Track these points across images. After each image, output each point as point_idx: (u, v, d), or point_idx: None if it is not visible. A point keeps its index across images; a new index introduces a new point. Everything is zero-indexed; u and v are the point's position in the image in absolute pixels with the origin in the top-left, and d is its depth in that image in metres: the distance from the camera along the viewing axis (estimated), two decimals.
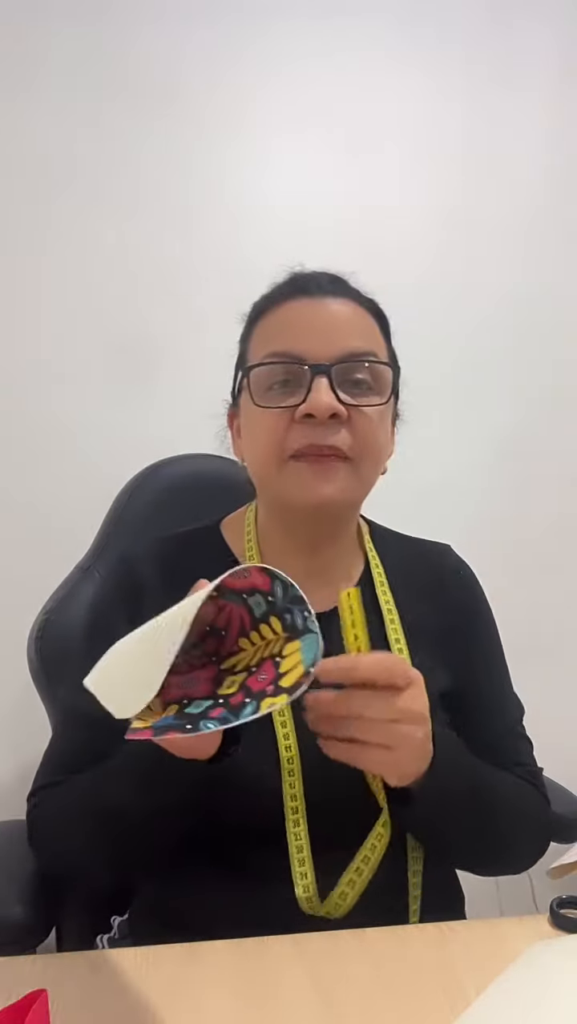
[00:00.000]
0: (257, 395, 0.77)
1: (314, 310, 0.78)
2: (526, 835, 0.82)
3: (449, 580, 0.91)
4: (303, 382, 0.74)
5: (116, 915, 0.89)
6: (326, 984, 0.60)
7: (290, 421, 0.75)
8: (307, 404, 0.73)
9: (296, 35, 1.66)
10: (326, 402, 0.72)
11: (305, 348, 0.75)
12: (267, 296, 0.84)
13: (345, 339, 0.76)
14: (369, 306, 0.83)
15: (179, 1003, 0.58)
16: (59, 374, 1.58)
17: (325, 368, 0.74)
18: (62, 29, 1.58)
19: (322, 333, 0.76)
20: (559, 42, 1.77)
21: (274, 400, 0.76)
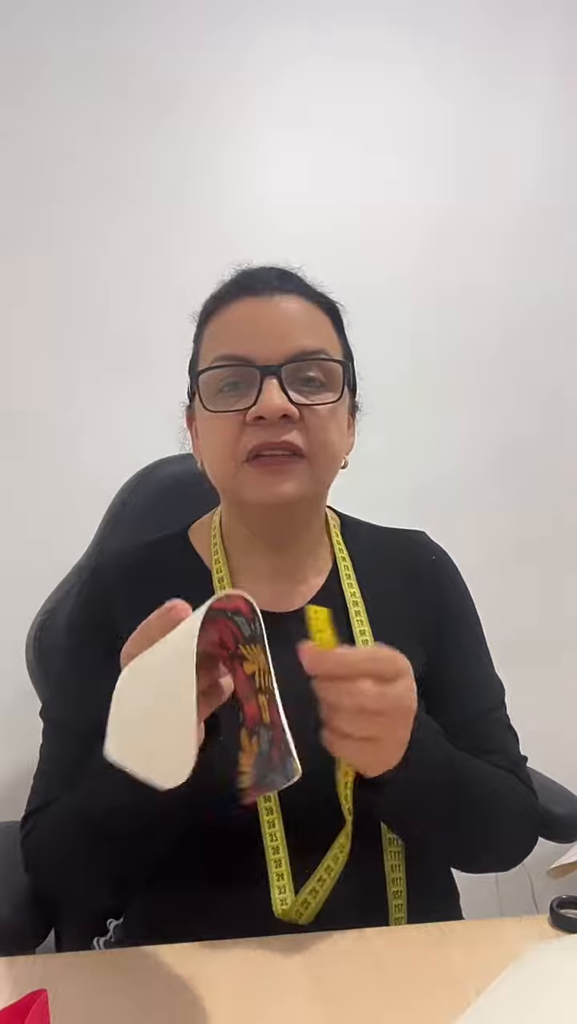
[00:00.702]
0: (207, 399, 0.77)
1: (261, 310, 0.77)
2: (508, 826, 0.79)
3: (423, 566, 0.91)
4: (253, 384, 0.74)
5: (112, 919, 0.89)
6: (326, 984, 0.60)
7: (242, 424, 0.74)
8: (258, 407, 0.73)
9: (296, 35, 1.66)
10: (277, 404, 0.72)
11: (253, 349, 0.75)
12: (215, 296, 0.83)
13: (294, 338, 0.76)
14: (319, 301, 0.82)
15: (179, 1003, 0.58)
16: (58, 374, 1.58)
17: (274, 369, 0.73)
18: (63, 30, 1.58)
19: (270, 333, 0.75)
20: (558, 42, 1.78)
21: (225, 403, 0.76)
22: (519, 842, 0.81)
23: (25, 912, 0.80)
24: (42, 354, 1.59)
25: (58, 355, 1.59)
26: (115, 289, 1.60)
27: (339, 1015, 0.56)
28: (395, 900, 0.74)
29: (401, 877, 0.75)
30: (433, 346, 1.73)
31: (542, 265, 1.78)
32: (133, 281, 1.61)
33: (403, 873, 0.74)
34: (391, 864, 0.75)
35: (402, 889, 0.74)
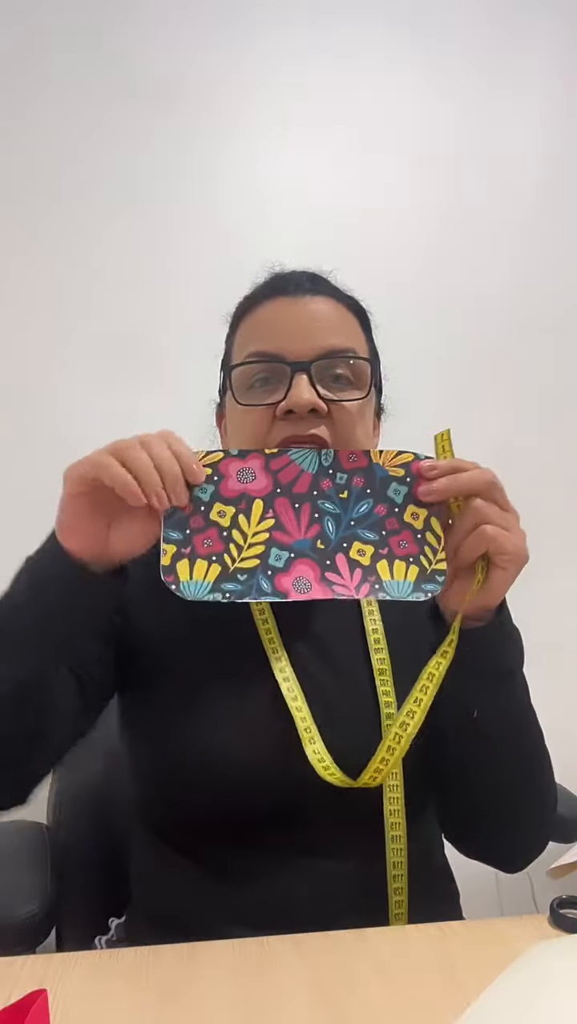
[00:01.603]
0: (239, 393, 0.78)
1: (293, 309, 0.79)
2: (548, 782, 0.79)
3: None
4: (284, 379, 0.75)
5: (114, 917, 0.89)
6: (326, 984, 0.60)
7: (272, 418, 0.76)
8: (287, 400, 0.74)
9: (296, 35, 1.66)
10: (306, 398, 0.73)
11: (285, 346, 0.76)
12: (248, 297, 0.85)
13: (324, 336, 0.77)
14: (348, 303, 0.84)
15: (179, 1003, 0.58)
16: (58, 374, 1.58)
17: (305, 365, 0.75)
18: (62, 30, 1.58)
19: (301, 331, 0.77)
20: (558, 42, 1.78)
21: (256, 398, 0.77)
22: (545, 814, 0.80)
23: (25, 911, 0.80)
24: (41, 353, 1.59)
25: (57, 355, 1.59)
26: (115, 289, 1.60)
27: (339, 1015, 0.56)
28: (395, 897, 0.74)
29: (403, 875, 0.75)
30: (433, 346, 1.73)
31: (542, 265, 1.78)
32: (133, 281, 1.61)
33: (405, 871, 0.74)
34: (393, 862, 0.75)
35: (403, 886, 0.75)
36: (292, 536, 0.66)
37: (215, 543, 0.65)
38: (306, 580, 0.65)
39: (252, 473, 0.66)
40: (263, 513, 0.66)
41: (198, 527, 0.65)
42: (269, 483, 0.66)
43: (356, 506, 0.67)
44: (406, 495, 0.67)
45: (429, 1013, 0.56)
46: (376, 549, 0.67)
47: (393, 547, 0.67)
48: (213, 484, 0.65)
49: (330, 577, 0.66)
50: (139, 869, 0.84)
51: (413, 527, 0.67)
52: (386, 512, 0.67)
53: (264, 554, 0.65)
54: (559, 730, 0.81)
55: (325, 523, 0.66)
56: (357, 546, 0.66)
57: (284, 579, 0.65)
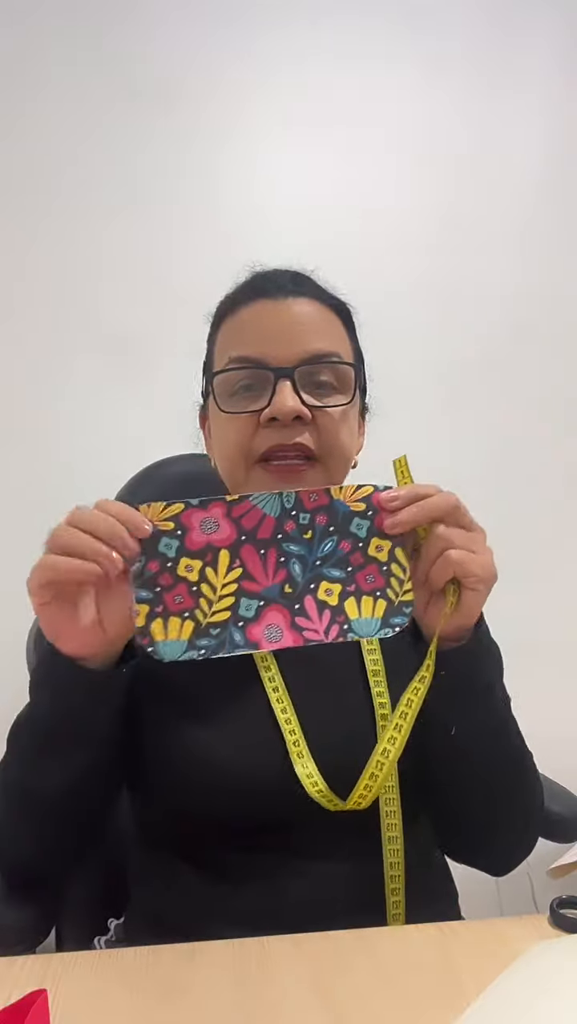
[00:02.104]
0: (222, 400, 0.78)
1: (276, 312, 0.78)
2: (532, 787, 0.79)
3: None
4: (267, 386, 0.75)
5: (113, 918, 0.89)
6: (326, 984, 0.59)
7: (256, 425, 0.75)
8: (271, 408, 0.74)
9: (296, 35, 1.66)
10: (290, 406, 0.73)
11: (267, 351, 0.76)
12: (230, 297, 0.84)
13: (307, 341, 0.77)
14: (332, 303, 0.83)
15: (179, 1003, 0.58)
16: (57, 374, 1.59)
17: (288, 371, 0.74)
18: (62, 29, 1.59)
19: (284, 336, 0.76)
20: (558, 42, 1.78)
21: (239, 405, 0.77)
22: (530, 820, 0.80)
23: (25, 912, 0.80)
24: (41, 354, 1.59)
25: (57, 355, 1.59)
26: (115, 289, 1.60)
27: (339, 1015, 0.56)
28: (393, 897, 0.74)
29: (400, 875, 0.75)
30: (433, 346, 1.73)
31: (542, 265, 1.78)
32: (133, 281, 1.61)
33: (402, 871, 0.74)
34: (390, 862, 0.75)
35: (401, 887, 0.75)
36: (261, 584, 0.65)
37: (186, 599, 0.64)
38: (277, 628, 0.65)
39: (215, 523, 0.65)
40: (230, 563, 0.65)
41: (167, 584, 0.64)
42: (233, 531, 0.65)
43: (321, 545, 0.66)
44: (369, 528, 0.66)
45: (429, 1013, 0.56)
46: (343, 587, 0.66)
47: (360, 583, 0.66)
48: (177, 539, 0.64)
49: (300, 622, 0.65)
50: (137, 871, 0.84)
51: (378, 560, 0.66)
52: (351, 548, 0.66)
53: (234, 605, 0.65)
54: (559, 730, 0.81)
55: (291, 566, 0.66)
56: (324, 585, 0.66)
57: (255, 629, 0.65)
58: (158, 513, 0.64)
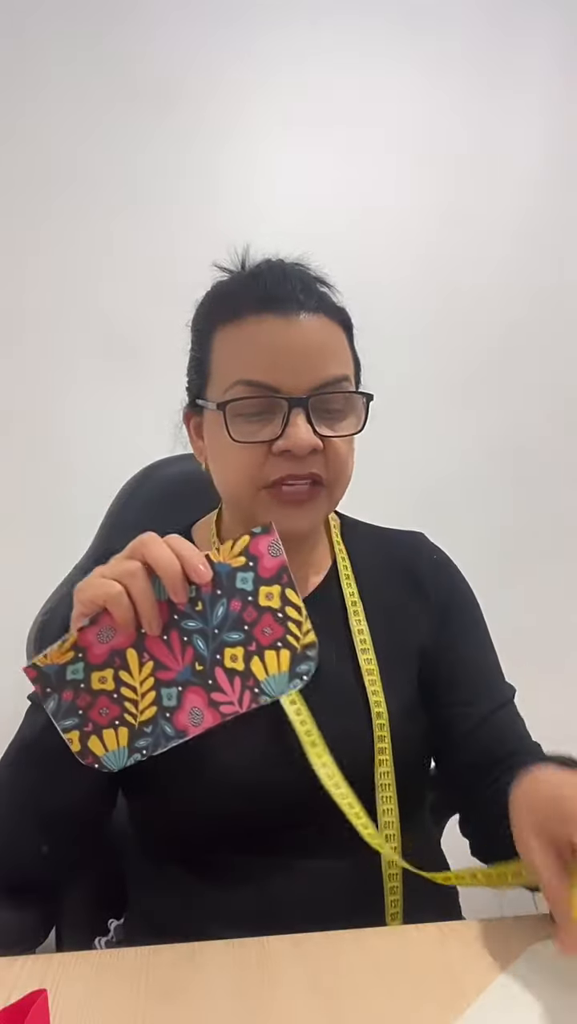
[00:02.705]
0: (231, 425, 0.74)
1: (286, 334, 0.74)
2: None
3: (423, 565, 0.91)
4: (278, 412, 0.73)
5: (113, 918, 0.89)
6: (326, 984, 0.60)
7: (266, 454, 0.74)
8: (286, 440, 0.72)
9: (296, 35, 1.66)
10: (305, 439, 0.72)
11: (280, 378, 0.73)
12: (232, 303, 0.78)
13: (320, 367, 0.74)
14: (337, 316, 0.80)
15: (179, 1003, 0.58)
16: (57, 374, 1.59)
17: (302, 402, 0.72)
18: (62, 29, 1.58)
19: (297, 360, 0.73)
20: (558, 42, 1.78)
21: (249, 432, 0.74)
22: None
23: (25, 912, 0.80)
24: (41, 354, 1.59)
25: (57, 355, 1.59)
26: (115, 289, 1.60)
27: (339, 1015, 0.56)
28: (391, 896, 0.74)
29: (398, 873, 0.75)
30: (433, 346, 1.73)
31: (543, 265, 1.78)
32: (133, 281, 1.61)
33: (399, 869, 0.75)
34: (388, 860, 0.75)
35: (399, 885, 0.75)
36: (173, 669, 0.65)
37: (111, 708, 0.64)
38: (198, 710, 0.64)
39: (110, 631, 0.64)
40: (140, 659, 0.64)
41: (87, 703, 0.64)
42: (132, 633, 0.64)
43: (214, 612, 0.65)
44: (254, 579, 0.65)
45: (429, 1013, 0.56)
46: (245, 648, 0.65)
47: (259, 638, 0.65)
48: (81, 661, 0.64)
49: (216, 698, 0.64)
50: (136, 872, 0.84)
51: (271, 608, 0.65)
52: (241, 605, 0.65)
53: (158, 699, 0.64)
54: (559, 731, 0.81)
55: (195, 642, 0.65)
56: (228, 652, 0.65)
57: (180, 716, 0.64)
58: (56, 655, 0.64)
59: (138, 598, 0.62)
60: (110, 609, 0.62)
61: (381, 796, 0.75)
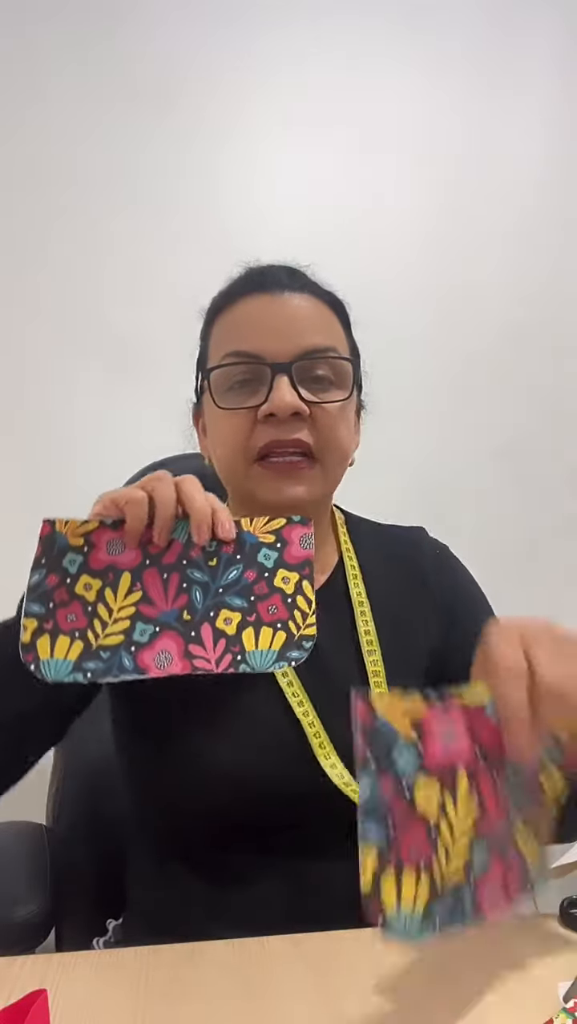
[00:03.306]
0: (218, 396, 0.77)
1: (272, 307, 0.78)
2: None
3: (427, 561, 0.91)
4: (264, 381, 0.75)
5: (112, 919, 0.89)
6: (326, 984, 0.60)
7: (253, 421, 0.75)
8: (269, 404, 0.73)
9: (296, 35, 1.66)
10: (288, 401, 0.73)
11: (264, 346, 0.75)
12: (224, 293, 0.83)
13: (304, 335, 0.76)
14: (327, 299, 0.82)
15: (179, 1003, 0.58)
16: (57, 374, 1.58)
17: (286, 366, 0.74)
18: (62, 29, 1.58)
19: (281, 330, 0.76)
20: (558, 42, 1.78)
21: (236, 401, 0.76)
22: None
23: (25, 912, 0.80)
24: (42, 354, 1.59)
25: (58, 355, 1.59)
26: (115, 289, 1.60)
27: (339, 1015, 0.56)
28: None
29: None
30: (432, 346, 1.73)
31: (542, 265, 1.78)
32: (133, 281, 1.61)
33: None
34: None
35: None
36: (158, 608, 0.64)
37: (79, 618, 0.62)
38: (168, 654, 0.63)
39: (121, 545, 0.64)
40: (130, 587, 0.64)
41: (62, 600, 0.62)
42: (138, 555, 0.64)
43: (225, 573, 0.65)
44: (277, 560, 0.66)
45: (429, 1013, 0.56)
46: (243, 616, 0.65)
47: (261, 613, 0.65)
48: (83, 555, 0.63)
49: (193, 650, 0.64)
50: (136, 872, 0.84)
51: (284, 591, 0.66)
52: (255, 577, 0.65)
53: (129, 629, 0.63)
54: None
55: (193, 593, 0.65)
56: (224, 614, 0.65)
57: (146, 655, 0.63)
58: (74, 528, 0.63)
59: (160, 503, 0.62)
60: (127, 513, 0.62)
61: None
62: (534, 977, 0.59)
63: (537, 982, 0.58)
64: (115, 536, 0.64)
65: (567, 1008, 0.53)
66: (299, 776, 0.72)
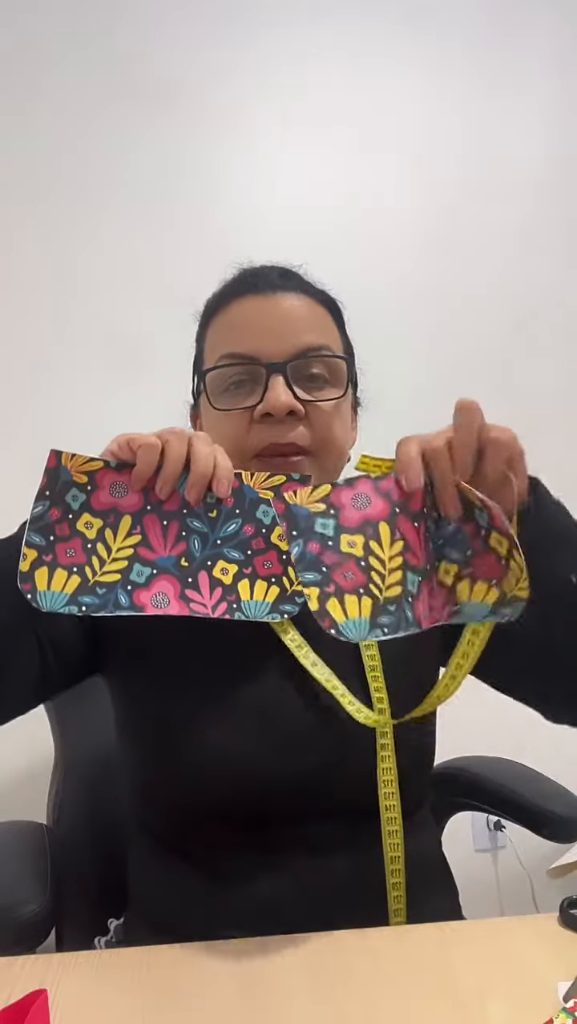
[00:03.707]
0: (214, 397, 0.78)
1: (265, 308, 0.78)
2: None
3: None
4: (259, 381, 0.75)
5: (112, 919, 0.89)
6: (326, 984, 0.60)
7: (249, 421, 0.75)
8: (264, 403, 0.74)
9: (296, 35, 1.66)
10: (283, 400, 0.73)
11: (258, 347, 0.76)
12: (217, 295, 0.84)
13: (298, 335, 0.77)
14: (320, 298, 0.83)
15: (179, 1003, 0.58)
16: (57, 373, 1.58)
17: (280, 366, 0.74)
18: (62, 29, 1.58)
19: (275, 331, 0.77)
20: (558, 42, 1.78)
21: (232, 401, 0.77)
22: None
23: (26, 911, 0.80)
24: (42, 353, 1.59)
25: (56, 354, 1.59)
26: (114, 289, 1.60)
27: (339, 1015, 0.56)
28: (394, 892, 0.74)
29: (400, 869, 0.75)
30: (433, 346, 1.73)
31: (543, 264, 1.78)
32: (133, 281, 1.61)
33: (402, 865, 0.75)
34: (390, 856, 0.75)
35: (401, 881, 0.75)
36: (157, 553, 0.65)
37: (78, 554, 0.63)
38: (164, 595, 0.65)
39: (124, 488, 0.64)
40: (130, 529, 0.65)
41: (63, 535, 0.63)
42: (140, 500, 0.65)
43: (224, 525, 0.66)
44: (275, 517, 0.66)
45: (429, 1013, 0.56)
46: (240, 568, 0.66)
47: (257, 567, 0.67)
48: (85, 493, 0.64)
49: (189, 594, 0.65)
50: (136, 871, 0.84)
51: (279, 548, 0.67)
52: (254, 532, 0.67)
53: (126, 569, 0.64)
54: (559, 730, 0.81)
55: (192, 541, 0.66)
56: (221, 564, 0.66)
57: (143, 594, 0.64)
58: (79, 464, 0.64)
59: (170, 457, 0.63)
60: (138, 457, 0.63)
61: (384, 792, 0.75)
62: (534, 977, 0.59)
63: (537, 982, 0.58)
64: (119, 479, 0.64)
65: (567, 1008, 0.53)
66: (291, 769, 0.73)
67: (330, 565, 0.61)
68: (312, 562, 0.61)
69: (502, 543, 0.63)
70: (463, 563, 0.65)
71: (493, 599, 0.63)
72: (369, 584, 0.62)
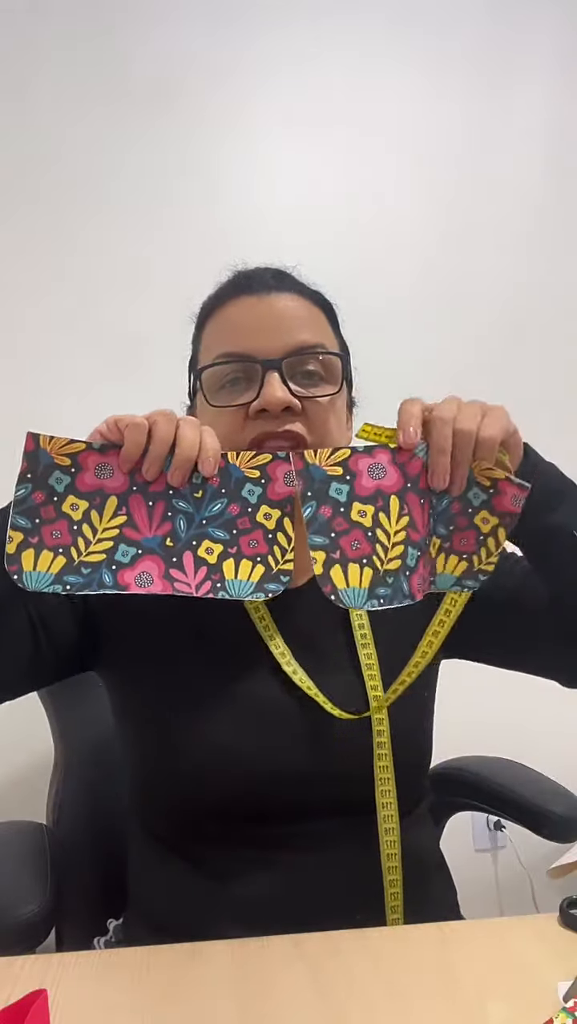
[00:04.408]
0: (210, 395, 0.78)
1: (260, 308, 0.79)
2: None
3: None
4: (255, 378, 0.75)
5: (112, 919, 0.89)
6: (326, 984, 0.60)
7: (245, 418, 0.76)
8: (260, 399, 0.74)
9: (296, 35, 1.66)
10: (279, 396, 0.73)
11: (254, 345, 0.76)
12: (212, 297, 0.85)
13: (293, 333, 0.77)
14: (314, 298, 0.83)
15: (179, 1003, 0.58)
16: (57, 373, 1.58)
17: (276, 363, 0.75)
18: (61, 29, 1.58)
19: (270, 330, 0.77)
20: (558, 42, 1.78)
21: (228, 398, 0.77)
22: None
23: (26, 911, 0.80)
24: (41, 354, 1.58)
25: (57, 355, 1.59)
26: (114, 288, 1.60)
27: (339, 1015, 0.56)
28: (391, 889, 0.74)
29: (397, 867, 0.75)
30: (433, 346, 1.73)
31: (543, 264, 1.78)
32: (132, 281, 1.60)
33: (399, 863, 0.75)
34: (387, 853, 0.75)
35: (398, 878, 0.75)
36: (142, 533, 0.66)
37: (64, 535, 0.64)
38: (148, 575, 0.65)
39: (110, 470, 0.65)
40: (116, 510, 0.65)
41: (49, 517, 0.64)
42: (126, 481, 0.65)
43: (209, 505, 0.67)
44: (260, 496, 0.67)
45: (429, 1013, 0.56)
46: (225, 548, 0.67)
47: (242, 546, 0.67)
48: (70, 475, 0.64)
49: (173, 574, 0.66)
50: (136, 870, 0.84)
51: (265, 527, 0.67)
52: (239, 511, 0.67)
53: (111, 549, 0.65)
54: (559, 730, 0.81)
55: (177, 521, 0.66)
56: (206, 544, 0.67)
57: (127, 573, 0.65)
58: (59, 447, 0.64)
59: (156, 439, 0.64)
60: (126, 437, 0.64)
61: (380, 790, 0.75)
62: (534, 977, 0.59)
63: (537, 982, 0.58)
64: (103, 460, 0.65)
65: (567, 1008, 0.53)
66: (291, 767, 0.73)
67: (339, 531, 0.64)
68: (322, 526, 0.63)
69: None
70: (445, 537, 0.68)
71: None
72: (373, 556, 0.64)
